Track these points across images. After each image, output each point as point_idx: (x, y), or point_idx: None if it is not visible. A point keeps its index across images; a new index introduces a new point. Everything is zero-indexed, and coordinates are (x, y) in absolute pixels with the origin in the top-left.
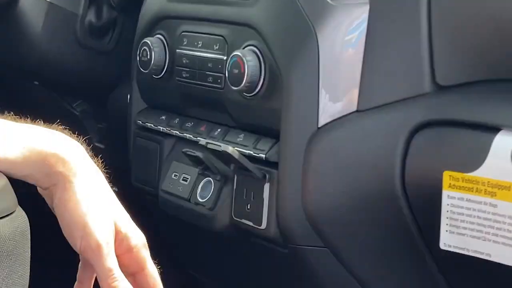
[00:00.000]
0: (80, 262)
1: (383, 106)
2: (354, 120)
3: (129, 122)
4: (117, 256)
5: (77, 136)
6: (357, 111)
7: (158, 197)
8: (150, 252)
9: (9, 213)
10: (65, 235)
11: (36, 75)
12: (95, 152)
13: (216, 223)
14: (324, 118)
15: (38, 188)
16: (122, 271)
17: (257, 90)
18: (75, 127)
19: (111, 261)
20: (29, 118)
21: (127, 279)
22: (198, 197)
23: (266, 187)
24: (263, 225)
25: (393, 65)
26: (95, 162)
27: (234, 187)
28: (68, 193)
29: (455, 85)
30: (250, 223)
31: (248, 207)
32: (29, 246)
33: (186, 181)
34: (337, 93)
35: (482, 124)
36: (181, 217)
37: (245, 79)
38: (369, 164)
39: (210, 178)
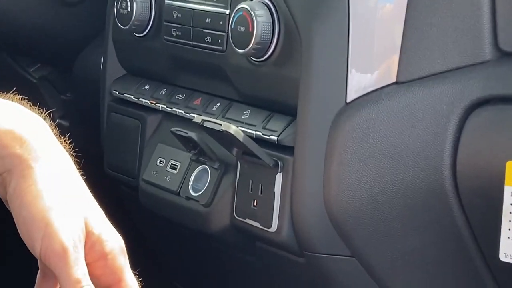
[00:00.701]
0: (39, 270)
1: (430, 77)
2: (392, 94)
3: (102, 93)
4: (87, 264)
5: (38, 109)
6: (396, 83)
7: (138, 190)
8: (129, 260)
9: None
10: (21, 235)
11: None
12: (58, 131)
13: (212, 224)
14: (354, 92)
15: None
16: (93, 283)
17: (268, 54)
18: (32, 98)
19: (79, 270)
20: None
21: None
22: (190, 190)
23: (278, 178)
24: (273, 227)
25: (444, 26)
26: (61, 143)
27: (237, 178)
28: (26, 181)
29: None
30: (257, 224)
31: (255, 204)
32: None
33: (175, 169)
34: (371, 60)
35: None
36: (167, 215)
37: (253, 40)
38: (411, 151)
39: (206, 166)
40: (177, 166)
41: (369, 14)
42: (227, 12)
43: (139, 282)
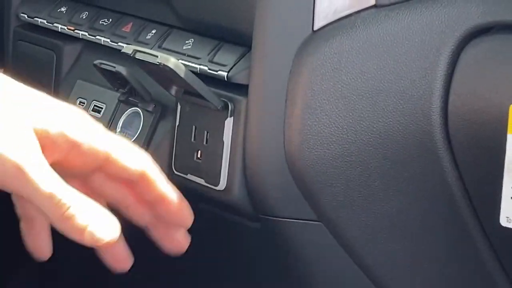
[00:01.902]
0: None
1: None
2: (370, 20)
3: (6, 16)
4: (62, 161)
5: None
6: (375, 6)
7: None
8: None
9: None
10: None
11: None
12: None
13: None
14: (323, 17)
15: None
16: (78, 174)
17: None
18: None
19: (47, 181)
20: None
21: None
22: None
23: (228, 123)
24: (222, 185)
25: None
26: None
27: (177, 123)
28: None
29: None
30: (201, 181)
31: (199, 156)
32: None
33: (98, 112)
34: None
35: None
36: None
37: None
38: (392, 90)
39: (137, 109)
40: (102, 108)
41: None
42: None
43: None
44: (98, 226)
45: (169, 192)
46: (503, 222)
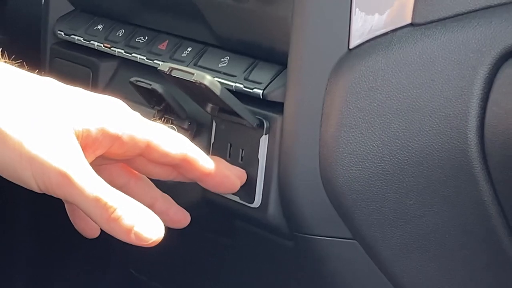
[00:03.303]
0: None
1: (454, 18)
2: (406, 39)
3: (43, 34)
4: (106, 154)
5: None
6: (411, 25)
7: None
8: (75, 247)
9: None
10: (8, 178)
11: None
12: None
13: (180, 198)
14: (359, 35)
15: None
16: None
17: None
18: None
19: (91, 186)
20: None
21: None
22: None
23: (263, 141)
24: (257, 202)
25: None
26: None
27: (212, 140)
28: None
29: None
30: (236, 199)
31: None
32: None
33: None
34: None
35: None
36: None
37: None
38: (428, 109)
39: (173, 126)
40: None
41: None
42: None
43: (92, 272)
44: (144, 226)
45: (212, 169)
46: None
